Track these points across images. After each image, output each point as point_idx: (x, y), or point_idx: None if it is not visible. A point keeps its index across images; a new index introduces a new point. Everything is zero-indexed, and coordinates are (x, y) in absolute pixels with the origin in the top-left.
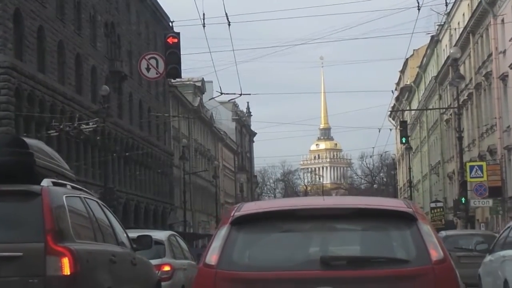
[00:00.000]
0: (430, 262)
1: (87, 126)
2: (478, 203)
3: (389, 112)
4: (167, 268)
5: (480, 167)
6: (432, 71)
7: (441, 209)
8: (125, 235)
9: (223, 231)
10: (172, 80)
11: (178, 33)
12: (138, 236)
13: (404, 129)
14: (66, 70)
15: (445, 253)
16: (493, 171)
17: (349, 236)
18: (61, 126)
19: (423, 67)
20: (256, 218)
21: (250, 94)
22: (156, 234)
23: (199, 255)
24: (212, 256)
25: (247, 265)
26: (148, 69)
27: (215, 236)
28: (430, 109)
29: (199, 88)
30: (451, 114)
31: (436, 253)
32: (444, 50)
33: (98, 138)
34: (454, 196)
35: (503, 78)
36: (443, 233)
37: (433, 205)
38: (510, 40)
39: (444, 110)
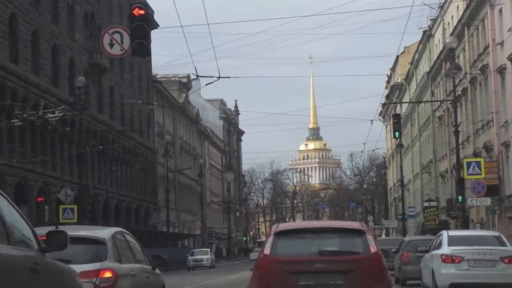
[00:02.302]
0: (369, 253)
1: (53, 115)
2: (475, 202)
3: (380, 111)
4: (108, 274)
5: (478, 163)
6: (424, 67)
7: (435, 209)
8: (30, 232)
9: (270, 238)
10: (157, 77)
11: (146, 3)
12: (48, 233)
13: (397, 123)
14: (42, 60)
15: (378, 249)
16: (490, 168)
17: (331, 241)
18: (25, 115)
19: (414, 64)
20: (286, 232)
21: (229, 77)
22: (97, 232)
23: (157, 257)
24: (267, 250)
25: (283, 253)
26: (111, 45)
27: (267, 241)
28: (425, 101)
29: (185, 84)
30: (444, 111)
31: (373, 249)
32: (436, 45)
33: (67, 129)
34: (447, 195)
35: (501, 70)
36: (407, 238)
37: (426, 204)
38: (508, 31)
39: (438, 105)
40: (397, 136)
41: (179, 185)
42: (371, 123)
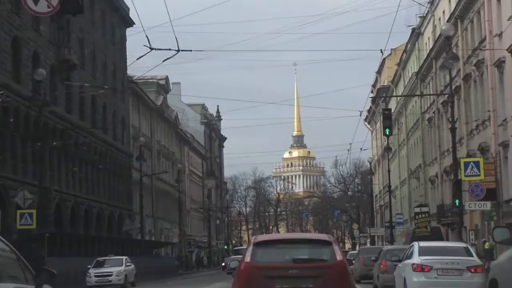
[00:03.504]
0: (336, 261)
1: None
2: (474, 206)
3: (365, 116)
4: None
5: (477, 164)
6: (413, 67)
7: (426, 215)
8: None
9: (250, 248)
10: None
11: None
12: None
13: (387, 119)
14: (1, 54)
15: (343, 258)
16: (487, 171)
17: (303, 250)
18: None
19: (402, 64)
20: (264, 242)
21: (190, 50)
22: None
23: (44, 272)
24: (247, 258)
25: (262, 261)
26: (36, 1)
27: (247, 250)
28: (420, 95)
29: (163, 86)
30: (434, 112)
31: (338, 257)
32: (426, 43)
33: (11, 120)
34: (437, 201)
35: (499, 64)
36: (385, 248)
37: (417, 210)
38: (508, 20)
39: (427, 107)
40: (387, 133)
41: (157, 191)
42: (360, 115)
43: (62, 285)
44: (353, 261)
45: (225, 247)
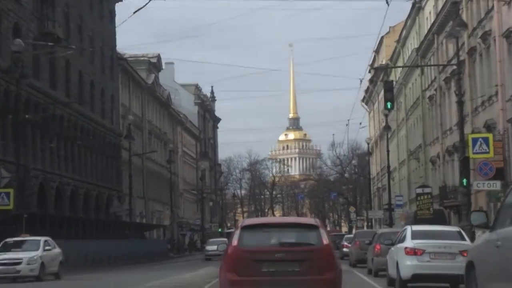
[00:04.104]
0: (322, 245)
1: None
2: (482, 186)
3: (363, 97)
4: None
5: (486, 140)
6: (413, 43)
7: (429, 196)
8: None
9: (238, 231)
10: (124, 56)
11: None
12: None
13: (389, 91)
14: None
15: (329, 241)
16: (495, 149)
17: (290, 234)
18: None
19: (401, 41)
20: (252, 226)
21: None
22: None
23: None
24: (235, 242)
25: (248, 244)
26: None
27: (235, 233)
28: (424, 66)
29: (155, 64)
30: (435, 90)
31: (325, 241)
32: (427, 18)
33: None
34: (439, 183)
35: (508, 35)
36: (379, 231)
37: (419, 190)
38: None
39: (428, 85)
40: (389, 106)
41: (148, 172)
42: (359, 88)
43: None
44: (347, 245)
45: (219, 230)
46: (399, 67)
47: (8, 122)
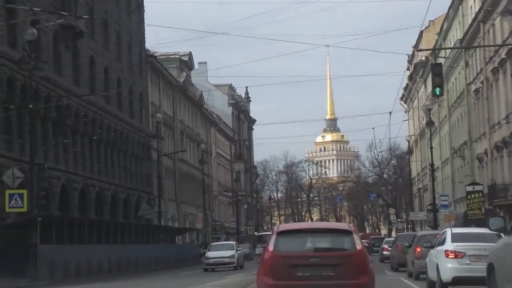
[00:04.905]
0: (355, 250)
1: None
2: None
3: (401, 94)
4: None
5: None
6: (456, 35)
7: (480, 194)
8: None
9: (273, 237)
10: (156, 55)
11: None
12: None
13: (437, 76)
14: None
15: (362, 246)
16: None
17: (325, 239)
18: None
19: (443, 34)
20: (287, 231)
21: None
22: None
23: None
24: (271, 247)
25: (284, 250)
26: None
27: (270, 239)
28: (480, 46)
29: (186, 63)
30: (481, 82)
31: (358, 246)
32: (471, 7)
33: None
34: (488, 180)
35: None
36: (419, 233)
37: (470, 188)
38: None
39: (473, 78)
40: (437, 93)
41: (180, 174)
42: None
43: (61, 276)
44: (387, 248)
45: (255, 233)
46: (448, 48)
47: (25, 119)
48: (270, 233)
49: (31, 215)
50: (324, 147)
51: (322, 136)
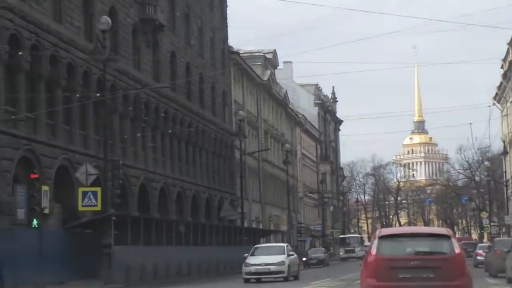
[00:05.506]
0: (454, 253)
1: None
2: None
3: (495, 93)
4: None
5: None
6: None
7: None
8: None
9: (375, 241)
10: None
11: None
12: None
13: None
14: (66, 11)
15: (461, 250)
16: None
17: (424, 243)
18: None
19: None
20: (388, 236)
21: None
22: None
23: None
24: (373, 250)
25: (386, 253)
26: None
27: (372, 243)
28: None
29: (270, 61)
30: None
31: (457, 250)
32: None
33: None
34: None
35: None
36: (496, 239)
37: None
38: None
39: None
40: None
41: (265, 174)
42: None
43: (136, 279)
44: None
45: (341, 236)
46: None
47: (101, 114)
48: (353, 235)
49: (104, 214)
50: (412, 149)
51: (410, 138)
